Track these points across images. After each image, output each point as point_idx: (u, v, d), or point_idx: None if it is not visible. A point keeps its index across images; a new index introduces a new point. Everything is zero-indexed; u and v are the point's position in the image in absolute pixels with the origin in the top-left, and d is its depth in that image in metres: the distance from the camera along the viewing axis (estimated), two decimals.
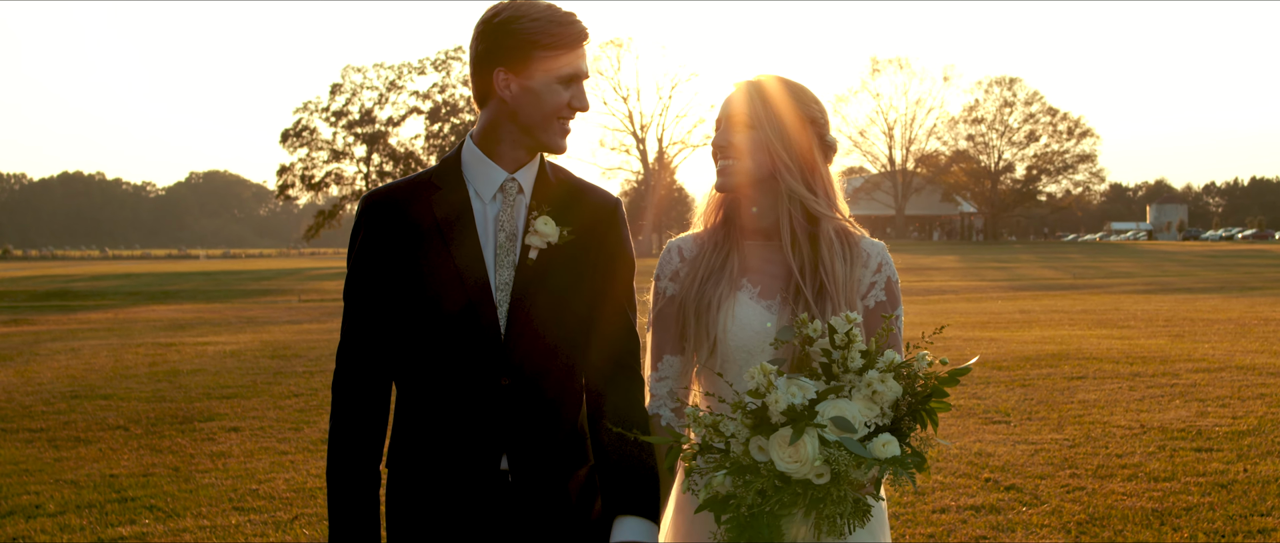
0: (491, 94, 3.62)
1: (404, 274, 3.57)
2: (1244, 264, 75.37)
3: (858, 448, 3.08)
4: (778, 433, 3.17)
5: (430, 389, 3.60)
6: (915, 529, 8.48)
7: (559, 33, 3.54)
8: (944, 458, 10.93)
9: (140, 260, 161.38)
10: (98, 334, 30.68)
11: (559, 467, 3.67)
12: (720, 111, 3.68)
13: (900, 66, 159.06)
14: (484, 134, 3.67)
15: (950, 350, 20.86)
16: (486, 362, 3.57)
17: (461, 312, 3.55)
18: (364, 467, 3.61)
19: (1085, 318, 29.76)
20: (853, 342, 3.28)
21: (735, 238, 3.71)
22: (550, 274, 3.63)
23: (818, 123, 3.66)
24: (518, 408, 3.59)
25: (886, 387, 3.25)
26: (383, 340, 3.61)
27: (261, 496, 10.15)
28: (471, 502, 3.60)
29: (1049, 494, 9.47)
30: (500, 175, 3.64)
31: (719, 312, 3.62)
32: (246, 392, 16.96)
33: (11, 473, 11.23)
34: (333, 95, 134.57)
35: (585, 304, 3.70)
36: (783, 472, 3.15)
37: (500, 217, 3.63)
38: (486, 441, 3.59)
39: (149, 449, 12.40)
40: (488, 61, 3.59)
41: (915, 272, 73.90)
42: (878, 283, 3.75)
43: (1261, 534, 8.20)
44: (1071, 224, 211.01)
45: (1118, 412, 13.46)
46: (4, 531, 9.06)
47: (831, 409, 3.19)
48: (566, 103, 3.59)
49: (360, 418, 3.60)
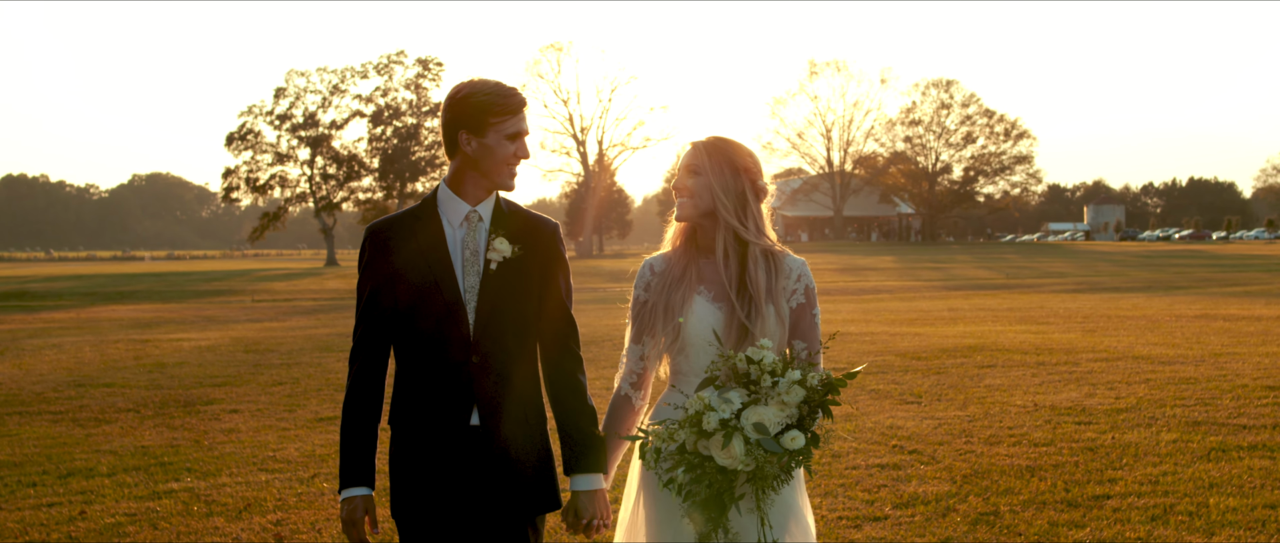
0: (458, 149, 4.81)
1: (399, 283, 4.77)
2: (1176, 264, 77.11)
3: (773, 445, 4.44)
4: (713, 437, 4.51)
5: (420, 366, 4.78)
6: (831, 481, 10.27)
7: (504, 103, 4.80)
8: (861, 430, 12.71)
9: (87, 262, 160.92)
10: (69, 332, 31.89)
11: (514, 421, 4.82)
12: (679, 162, 5.19)
13: (838, 69, 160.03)
14: (453, 178, 4.86)
15: (875, 344, 22.69)
16: (460, 347, 4.75)
17: (441, 311, 4.75)
18: (368, 419, 4.80)
19: (1009, 315, 31.46)
20: (771, 369, 4.56)
21: (693, 255, 5.11)
22: (506, 281, 4.83)
23: (750, 171, 5.06)
24: (483, 379, 4.76)
25: (791, 395, 4.57)
26: (383, 331, 4.82)
27: (279, 460, 11.83)
28: (452, 448, 4.74)
29: (944, 456, 11.27)
30: (465, 208, 4.84)
31: (683, 309, 5.01)
32: (234, 381, 18.53)
33: (52, 446, 12.85)
34: (277, 99, 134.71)
35: (533, 302, 4.90)
36: (722, 465, 4.53)
37: (466, 239, 4.81)
38: (461, 403, 4.75)
39: (165, 427, 14.03)
40: (454, 126, 4.79)
41: (852, 272, 75.44)
42: (798, 290, 5.07)
43: (1110, 482, 10.00)
44: (1009, 225, 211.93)
45: (1017, 394, 15.24)
46: (71, 486, 10.73)
47: (752, 416, 4.50)
48: (513, 153, 4.79)
49: (366, 384, 4.81)
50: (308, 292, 63.56)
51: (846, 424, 13.06)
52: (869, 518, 9.09)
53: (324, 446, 12.62)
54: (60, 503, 10.07)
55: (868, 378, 17.02)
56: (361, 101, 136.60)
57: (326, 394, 16.71)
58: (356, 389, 4.79)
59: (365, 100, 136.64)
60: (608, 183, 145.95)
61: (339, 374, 19.07)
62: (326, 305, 48.21)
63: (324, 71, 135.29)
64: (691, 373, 4.90)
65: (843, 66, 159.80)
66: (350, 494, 4.72)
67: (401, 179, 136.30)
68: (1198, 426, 12.57)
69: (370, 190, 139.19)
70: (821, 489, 9.95)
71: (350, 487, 4.74)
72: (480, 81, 4.81)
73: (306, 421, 14.34)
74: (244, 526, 9.22)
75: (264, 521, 9.38)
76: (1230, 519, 8.79)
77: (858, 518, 9.08)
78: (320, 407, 15.45)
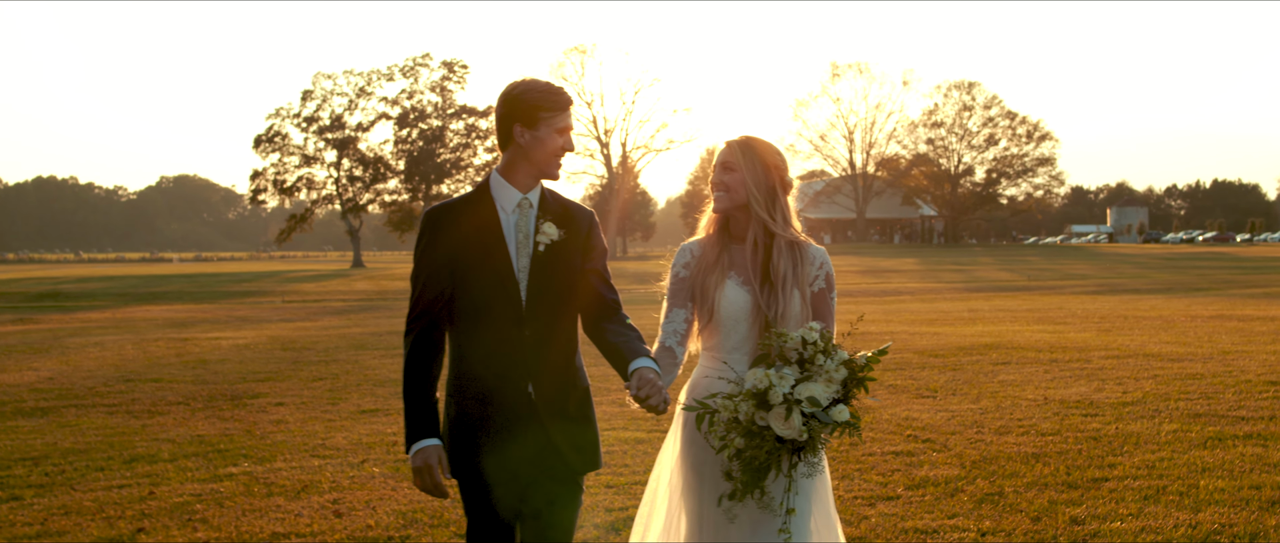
0: (511, 141, 5.30)
1: (457, 262, 5.23)
2: (1198, 266, 77.16)
3: (825, 417, 5.10)
4: (774, 411, 5.15)
5: (478, 339, 5.25)
6: (848, 466, 10.95)
7: (555, 100, 5.27)
8: (876, 422, 13.37)
9: (115, 263, 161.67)
10: (108, 331, 32.59)
11: (562, 387, 5.33)
12: (716, 159, 5.78)
13: (860, 71, 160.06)
14: (506, 167, 5.33)
15: (895, 342, 23.26)
16: (514, 320, 5.23)
17: (496, 288, 5.23)
18: (430, 381, 5.25)
19: (1028, 316, 31.95)
20: (821, 349, 5.25)
21: (726, 242, 5.75)
22: (552, 261, 5.30)
23: (779, 168, 5.72)
24: (536, 350, 5.25)
25: (838, 373, 5.22)
26: (440, 305, 5.27)
27: (329, 448, 12.54)
28: (509, 414, 5.24)
29: (955, 444, 11.93)
30: (517, 195, 5.31)
31: (715, 292, 5.69)
32: (275, 377, 19.23)
33: (112, 435, 13.57)
34: (304, 101, 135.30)
35: (576, 278, 5.39)
36: (779, 435, 5.15)
37: (518, 223, 5.29)
38: (516, 371, 5.24)
39: (216, 418, 14.74)
40: (509, 119, 5.28)
41: (874, 274, 75.86)
42: (819, 276, 5.73)
43: (1109, 467, 10.65)
44: (1032, 227, 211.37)
45: (1028, 389, 15.88)
46: (136, 470, 11.45)
47: (805, 391, 5.14)
48: (561, 146, 5.30)
49: (427, 351, 5.27)
50: (336, 293, 64.25)
51: (864, 417, 13.71)
52: (882, 498, 9.77)
53: (369, 435, 13.31)
54: (129, 485, 10.78)
55: (886, 374, 17.66)
56: (387, 104, 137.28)
57: (366, 389, 17.40)
58: (417, 355, 5.28)
59: (391, 103, 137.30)
60: (631, 185, 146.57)
61: (376, 371, 19.76)
62: (356, 306, 48.88)
63: (350, 74, 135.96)
64: (722, 348, 5.53)
65: (865, 69, 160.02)
66: (422, 445, 5.20)
67: (427, 181, 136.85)
68: (1198, 417, 13.20)
69: (396, 192, 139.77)
70: (840, 473, 10.62)
71: (420, 439, 5.21)
72: (533, 80, 5.36)
73: (350, 413, 15.03)
74: (303, 504, 9.93)
75: (321, 500, 10.08)
76: (1217, 499, 9.45)
77: (872, 498, 9.76)
78: (361, 401, 16.13)
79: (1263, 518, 8.85)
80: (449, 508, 9.72)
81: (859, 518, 9.01)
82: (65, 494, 10.46)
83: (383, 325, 33.24)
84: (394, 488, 10.52)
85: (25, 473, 11.41)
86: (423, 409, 5.26)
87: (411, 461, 5.22)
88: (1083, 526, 8.74)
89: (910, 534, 8.64)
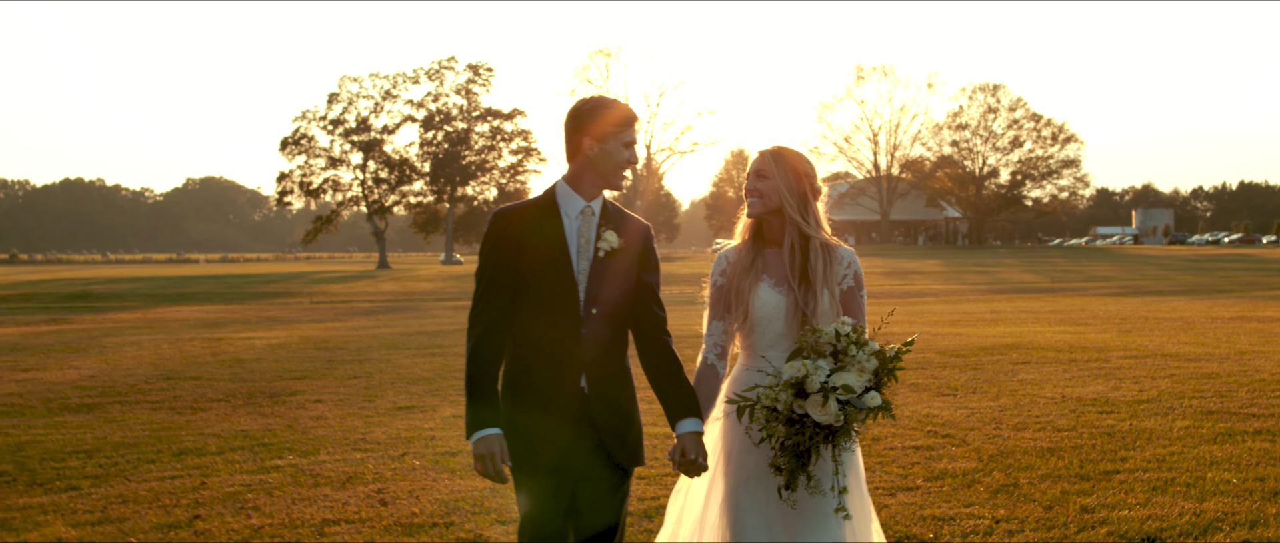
0: (579, 153, 5.65)
1: (522, 263, 5.55)
2: (1223, 268, 77.09)
3: (859, 403, 5.48)
4: (811, 398, 5.54)
5: (537, 336, 5.57)
6: (870, 459, 11.37)
7: (624, 116, 5.65)
8: (899, 419, 13.78)
9: (142, 265, 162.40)
10: (141, 331, 33.09)
11: (614, 386, 5.67)
12: (749, 167, 6.12)
13: (885, 73, 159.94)
14: (572, 177, 5.68)
15: (917, 342, 23.67)
16: (572, 321, 5.56)
17: (557, 289, 5.56)
18: (493, 374, 5.55)
19: (1050, 317, 32.27)
20: (854, 340, 5.65)
21: (759, 247, 6.12)
22: (611, 267, 5.64)
23: (810, 176, 6.09)
24: (591, 348, 5.58)
25: (870, 363, 5.62)
26: (505, 303, 5.59)
27: (370, 441, 13.00)
28: (564, 407, 5.55)
29: (973, 439, 12.35)
30: (581, 203, 5.65)
31: (750, 294, 6.05)
32: (311, 375, 19.70)
33: (158, 430, 14.04)
34: (330, 104, 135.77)
35: (631, 285, 5.73)
36: (817, 421, 5.55)
37: (581, 229, 5.62)
38: (573, 368, 5.56)
39: (257, 414, 15.21)
40: (579, 133, 5.64)
41: (898, 276, 76.05)
42: (848, 275, 6.10)
43: (1121, 460, 11.06)
44: (1057, 229, 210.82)
45: (1047, 387, 16.27)
46: (185, 463, 11.93)
47: (840, 380, 5.51)
48: (626, 159, 5.67)
49: (491, 345, 5.56)
50: (364, 293, 64.77)
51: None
52: (902, 488, 10.20)
53: (407, 429, 13.76)
54: (180, 476, 11.26)
55: (908, 373, 18.03)
56: (413, 106, 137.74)
57: (401, 387, 17.84)
58: (482, 348, 5.57)
59: (416, 105, 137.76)
60: (655, 187, 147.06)
61: (409, 369, 20.22)
62: (384, 307, 49.34)
63: (376, 77, 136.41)
64: (758, 347, 5.92)
65: (889, 71, 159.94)
66: (484, 434, 5.50)
67: (452, 183, 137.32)
68: (1210, 414, 13.60)
69: (421, 194, 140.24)
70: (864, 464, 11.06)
71: (482, 428, 5.51)
72: (601, 98, 5.76)
73: (387, 409, 15.49)
74: (349, 494, 10.39)
75: (366, 489, 10.54)
76: (1222, 489, 9.86)
77: (892, 488, 10.19)
78: (397, 397, 16.58)
79: (1264, 507, 9.25)
80: (489, 497, 10.18)
81: (880, 507, 9.42)
82: (120, 485, 10.94)
83: (412, 326, 33.68)
84: (434, 479, 10.97)
85: (80, 465, 11.89)
86: (486, 400, 5.56)
87: (474, 448, 5.53)
88: (1092, 514, 9.16)
89: (928, 522, 9.07)
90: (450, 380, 18.49)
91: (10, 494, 10.61)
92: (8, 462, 12.05)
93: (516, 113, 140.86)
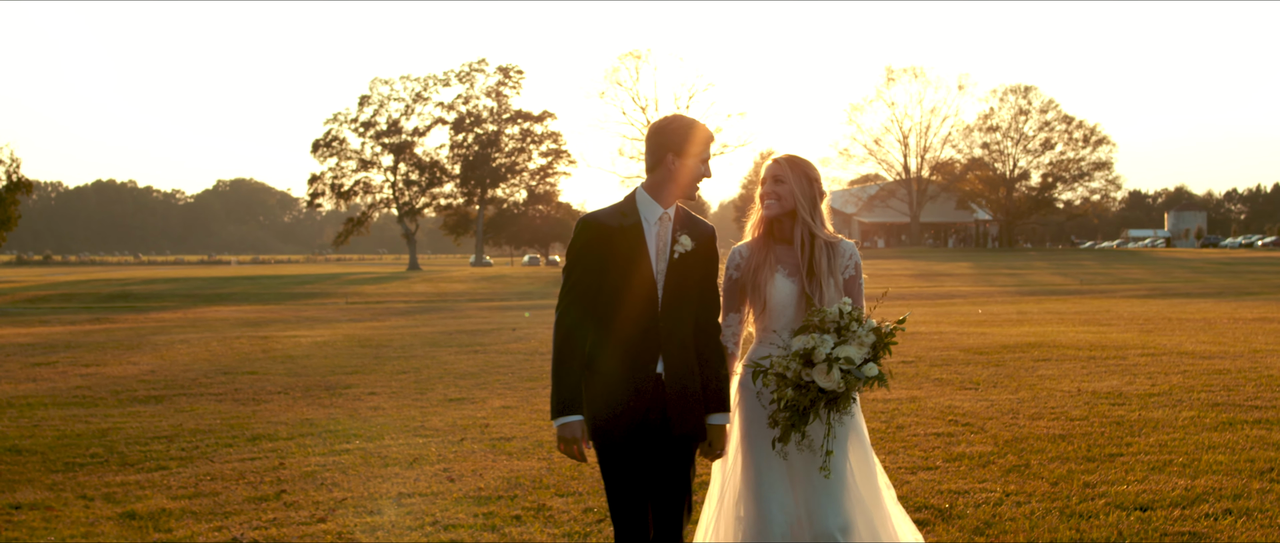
0: (661, 164, 6.28)
1: (608, 263, 6.18)
2: (1255, 271, 77.75)
3: (859, 373, 6.31)
4: (817, 367, 6.37)
5: (619, 327, 6.19)
6: (894, 443, 12.27)
7: (701, 135, 6.33)
8: (922, 409, 14.63)
9: (175, 266, 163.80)
10: (185, 329, 34.16)
11: (685, 370, 6.30)
12: (764, 172, 6.86)
13: (915, 75, 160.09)
14: (652, 186, 6.32)
15: (943, 341, 24.52)
16: (651, 314, 6.23)
17: (639, 286, 6.21)
18: (578, 364, 6.18)
19: (1075, 318, 32.99)
20: (855, 318, 6.45)
21: (770, 243, 6.85)
22: (684, 267, 6.30)
23: (817, 181, 6.87)
24: (666, 336, 6.24)
25: (868, 338, 6.45)
26: (590, 298, 6.20)
27: (428, 429, 13.93)
28: (640, 391, 6.19)
29: (990, 427, 13.22)
30: (659, 210, 6.29)
31: (768, 285, 6.84)
32: (362, 370, 20.66)
33: (228, 418, 15.00)
34: (361, 107, 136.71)
35: (699, 284, 6.37)
36: (821, 387, 6.39)
37: (660, 233, 6.28)
38: (650, 354, 6.22)
39: (316, 405, 16.15)
40: (663, 148, 6.28)
41: (927, 278, 76.72)
42: (849, 265, 6.86)
43: (1126, 446, 11.92)
44: (1089, 231, 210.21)
45: (1065, 381, 17.09)
46: (261, 447, 12.89)
47: (842, 352, 6.35)
48: (702, 172, 6.34)
49: (577, 337, 6.19)
50: (397, 295, 65.80)
51: (910, 405, 15.00)
52: (923, 468, 11.10)
53: (463, 419, 14.70)
54: (259, 458, 12.21)
55: (932, 369, 18.92)
56: (443, 109, 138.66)
57: (449, 381, 18.79)
58: (570, 340, 6.22)
59: (447, 108, 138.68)
60: None
61: (455, 365, 21.15)
62: (418, 307, 50.32)
63: (407, 80, 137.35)
64: (774, 328, 6.71)
65: (920, 73, 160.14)
66: (567, 420, 6.17)
67: (482, 185, 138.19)
68: (1216, 406, 14.42)
69: (451, 196, 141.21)
70: (885, 449, 11.94)
71: (567, 414, 6.17)
72: (681, 116, 6.47)
73: (440, 401, 16.41)
74: (417, 472, 11.33)
75: (433, 469, 11.48)
76: (1215, 469, 10.72)
77: (914, 468, 11.09)
78: (447, 391, 17.50)
79: (1250, 483, 10.12)
80: (546, 474, 11.14)
81: (901, 484, 10.30)
82: (205, 465, 11.92)
83: (450, 326, 34.56)
84: (494, 460, 11.92)
85: (163, 448, 12.87)
86: (571, 387, 6.22)
87: (559, 432, 6.20)
88: (1093, 489, 10.05)
89: (945, 494, 9.97)
90: (496, 375, 19.44)
91: (106, 472, 11.61)
92: (96, 445, 13.05)
93: (547, 115, 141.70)
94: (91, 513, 9.95)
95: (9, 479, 11.34)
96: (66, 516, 9.88)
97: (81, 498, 10.50)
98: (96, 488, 10.90)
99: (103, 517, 9.81)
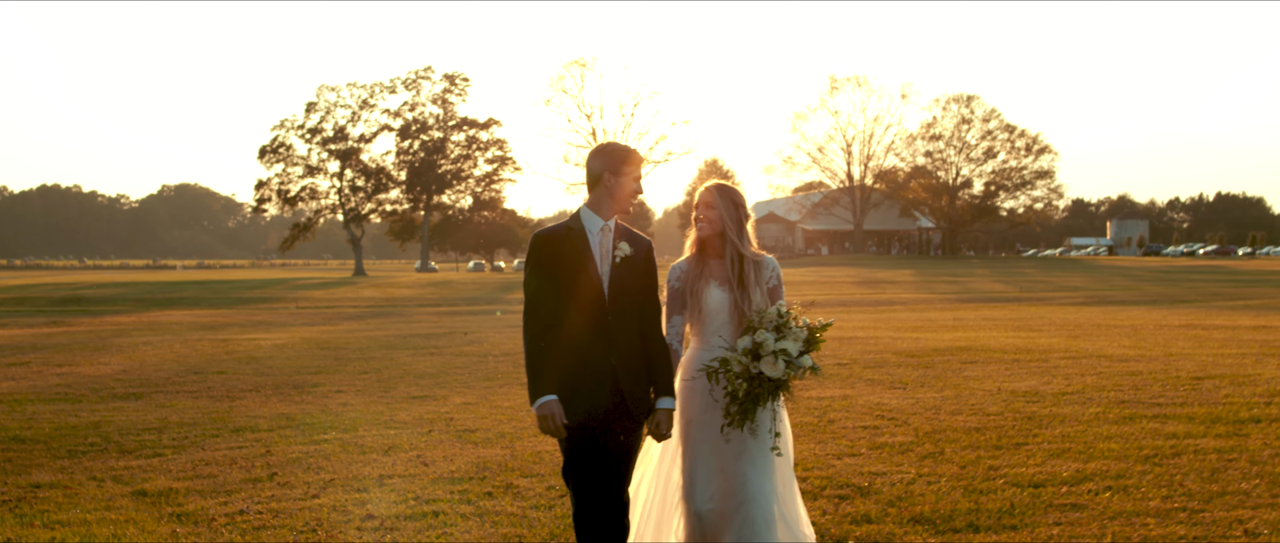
0: (600, 183, 7.12)
1: (559, 265, 6.98)
2: (1192, 280, 79.26)
3: (797, 363, 7.40)
4: (764, 359, 7.45)
5: (576, 324, 6.99)
6: (824, 434, 13.47)
7: (634, 157, 7.20)
8: (852, 406, 15.80)
9: (120, 270, 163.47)
10: (144, 333, 34.97)
11: (632, 358, 7.14)
12: (698, 198, 7.94)
13: (858, 84, 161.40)
14: (593, 202, 7.14)
15: (878, 345, 25.67)
16: (601, 311, 7.04)
17: (589, 288, 7.01)
18: (547, 357, 6.95)
19: (1009, 324, 34.21)
20: (792, 318, 7.59)
21: (704, 259, 7.87)
22: (625, 271, 7.11)
23: (742, 206, 7.90)
24: (617, 332, 7.06)
25: (801, 333, 7.55)
26: (552, 299, 6.99)
27: (397, 422, 15.03)
28: (598, 376, 7.01)
29: (913, 421, 14.42)
30: (600, 222, 7.11)
31: (703, 294, 7.88)
32: (325, 370, 21.68)
33: (208, 413, 16.03)
34: (308, 113, 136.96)
35: (640, 291, 7.19)
36: (768, 376, 7.46)
37: (602, 241, 7.10)
38: (604, 349, 7.05)
39: (288, 402, 17.17)
40: (600, 168, 7.13)
41: (869, 285, 77.88)
42: (773, 277, 7.91)
43: (1032, 436, 13.17)
44: (1032, 239, 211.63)
45: (987, 382, 18.27)
46: (244, 437, 13.98)
47: (782, 345, 7.44)
48: (634, 191, 7.17)
49: (545, 331, 6.97)
50: (346, 300, 66.55)
51: (842, 402, 16.18)
52: (848, 455, 12.32)
53: (428, 413, 15.82)
54: (245, 447, 13.30)
55: (866, 370, 20.11)
56: (390, 116, 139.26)
57: (411, 380, 19.88)
58: (539, 336, 7.03)
59: (393, 115, 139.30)
60: None
61: (414, 366, 22.25)
62: (369, 312, 51.02)
63: (353, 86, 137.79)
64: (707, 332, 7.75)
65: (863, 82, 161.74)
66: (546, 399, 6.94)
67: (428, 191, 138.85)
68: (1121, 403, 15.64)
69: (397, 202, 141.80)
70: (815, 439, 13.16)
71: (544, 395, 6.95)
72: (618, 143, 7.32)
73: (403, 398, 17.49)
74: (393, 459, 12.47)
75: (407, 455, 12.63)
76: (1106, 454, 12.00)
77: (840, 454, 12.32)
78: (409, 389, 18.58)
79: (1134, 466, 11.40)
80: (511, 459, 12.32)
81: (826, 467, 11.54)
82: (197, 453, 13.01)
83: (403, 329, 35.51)
84: (462, 448, 13.06)
85: (155, 438, 13.95)
86: (545, 375, 7.00)
87: (538, 411, 6.96)
88: (996, 471, 11.30)
89: (865, 475, 11.21)
90: (454, 375, 20.56)
91: (107, 458, 12.72)
92: (93, 436, 14.13)
93: (492, 122, 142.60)
94: (106, 491, 11.06)
95: (21, 464, 12.45)
96: (84, 494, 10.98)
97: (92, 480, 11.60)
98: (103, 472, 11.99)
99: (118, 495, 10.90)
